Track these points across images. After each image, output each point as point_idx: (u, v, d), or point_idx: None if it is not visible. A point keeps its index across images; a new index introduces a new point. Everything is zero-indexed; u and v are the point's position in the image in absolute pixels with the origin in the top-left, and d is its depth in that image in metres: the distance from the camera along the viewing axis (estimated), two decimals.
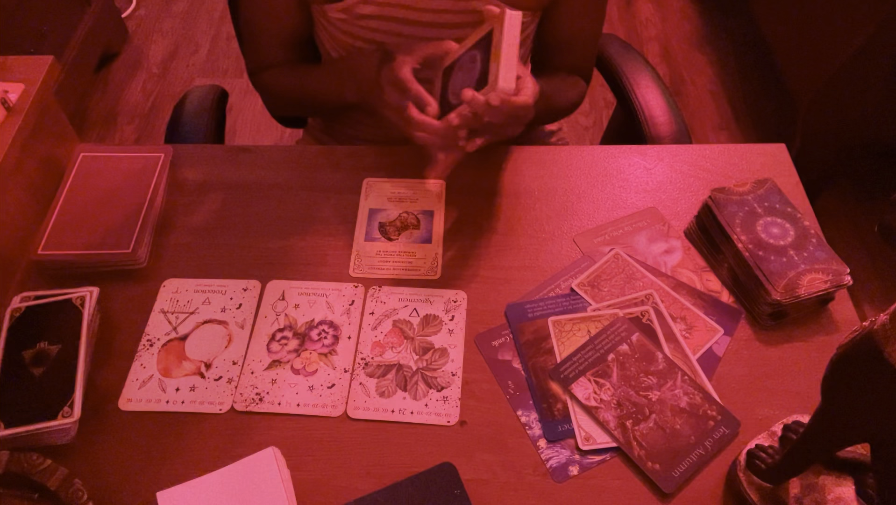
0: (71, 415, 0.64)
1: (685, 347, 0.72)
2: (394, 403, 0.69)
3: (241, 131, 2.05)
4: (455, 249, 0.81)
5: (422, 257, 0.80)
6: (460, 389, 0.70)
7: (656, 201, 0.85)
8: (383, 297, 0.76)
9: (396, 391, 0.69)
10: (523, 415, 0.68)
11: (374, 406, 0.69)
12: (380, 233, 0.80)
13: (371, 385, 0.70)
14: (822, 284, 0.71)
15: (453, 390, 0.69)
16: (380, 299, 0.76)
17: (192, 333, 0.74)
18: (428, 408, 0.68)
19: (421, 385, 0.70)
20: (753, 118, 2.03)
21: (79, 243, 0.79)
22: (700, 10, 2.37)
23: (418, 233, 0.82)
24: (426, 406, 0.68)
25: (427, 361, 0.71)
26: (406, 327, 0.74)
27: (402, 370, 0.71)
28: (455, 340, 0.73)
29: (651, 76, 1.06)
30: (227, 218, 0.84)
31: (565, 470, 0.64)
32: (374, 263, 0.79)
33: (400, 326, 0.74)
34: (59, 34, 1.90)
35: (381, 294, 0.77)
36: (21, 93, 0.81)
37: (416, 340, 0.73)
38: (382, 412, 0.68)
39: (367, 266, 0.79)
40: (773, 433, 0.63)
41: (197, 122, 1.03)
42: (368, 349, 0.73)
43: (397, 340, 0.73)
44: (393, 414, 0.68)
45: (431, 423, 0.68)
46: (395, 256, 0.80)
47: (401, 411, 0.68)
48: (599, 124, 2.04)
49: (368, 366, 0.71)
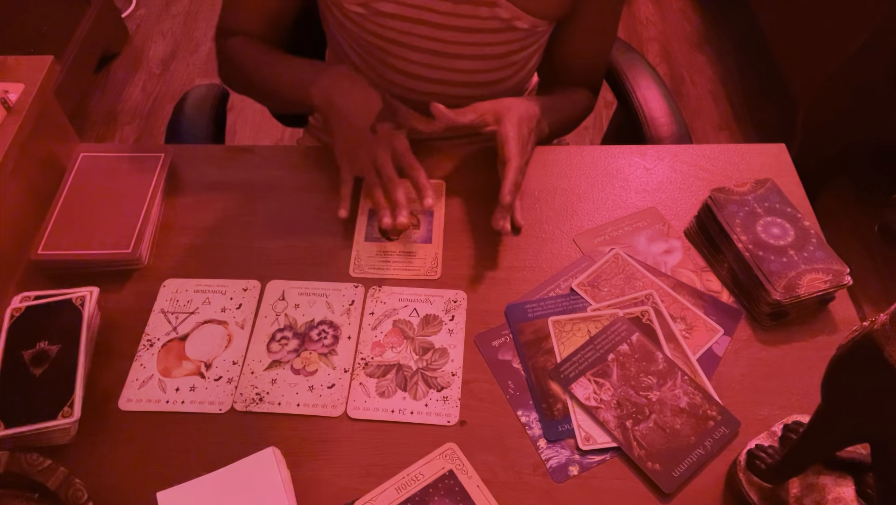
0: (71, 415, 0.64)
1: (685, 347, 0.72)
2: (394, 403, 0.69)
3: (241, 131, 2.05)
4: (455, 249, 0.81)
5: (422, 257, 0.80)
6: (460, 389, 0.70)
7: (656, 201, 0.85)
8: (383, 297, 0.76)
9: (396, 391, 0.69)
10: (523, 415, 0.68)
11: (375, 406, 0.69)
12: (380, 233, 0.80)
13: (371, 385, 0.70)
14: (822, 284, 0.71)
15: (453, 390, 0.69)
16: (380, 299, 0.76)
17: (192, 333, 0.74)
18: (428, 408, 0.68)
19: (421, 385, 0.70)
20: (753, 118, 2.03)
21: (79, 243, 0.79)
22: (700, 10, 2.37)
23: (418, 233, 0.82)
24: (426, 406, 0.68)
25: (427, 361, 0.71)
26: (406, 327, 0.74)
27: (401, 370, 0.71)
28: (455, 339, 0.73)
29: (651, 76, 1.06)
30: (227, 218, 0.84)
31: (565, 470, 0.64)
32: (375, 263, 0.79)
33: (400, 326, 0.74)
34: (59, 34, 1.90)
35: (381, 294, 0.77)
36: (21, 93, 0.81)
37: (416, 340, 0.73)
38: (382, 412, 0.68)
39: (368, 266, 0.79)
40: (773, 433, 0.63)
41: (197, 122, 1.03)
42: (368, 349, 0.73)
43: (397, 339, 0.73)
44: (393, 414, 0.68)
45: (431, 423, 0.68)
46: (395, 256, 0.80)
47: (401, 411, 0.68)
48: (599, 124, 2.04)
49: (368, 366, 0.71)
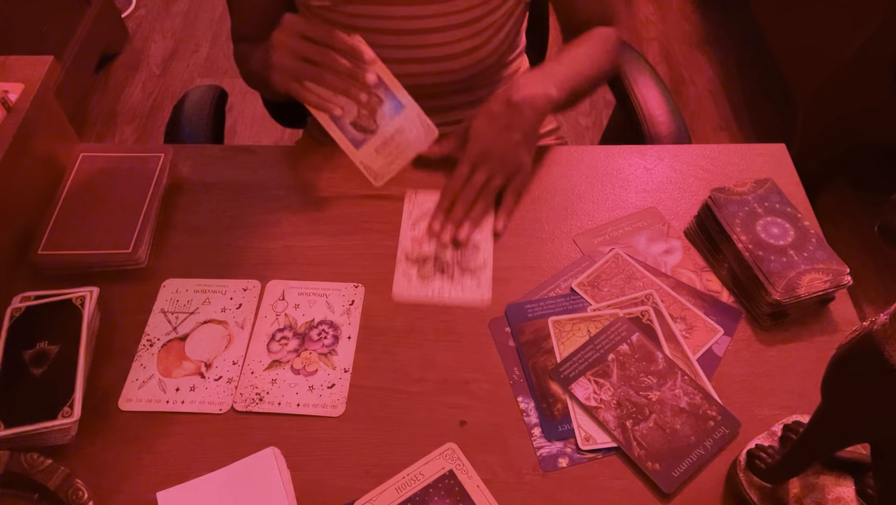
0: (71, 415, 0.64)
1: (685, 347, 0.72)
2: (433, 286, 0.77)
3: (241, 131, 2.05)
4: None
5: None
6: (492, 274, 0.77)
7: (656, 201, 0.85)
8: (420, 200, 0.84)
9: (435, 275, 0.78)
10: (525, 412, 0.68)
11: (416, 291, 0.77)
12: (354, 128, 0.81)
13: (413, 272, 0.78)
14: (822, 284, 0.71)
15: (485, 273, 0.78)
16: (417, 203, 0.84)
17: (192, 333, 0.74)
18: (463, 292, 0.76)
19: (457, 271, 0.78)
20: (753, 118, 2.03)
21: (79, 243, 0.79)
22: (700, 10, 2.37)
23: (385, 106, 0.80)
24: (462, 290, 0.77)
25: (461, 254, 0.80)
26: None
27: (439, 260, 0.79)
28: (485, 233, 0.81)
29: (650, 75, 1.06)
30: (227, 218, 0.84)
31: (565, 470, 0.64)
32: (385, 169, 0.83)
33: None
34: (59, 34, 1.90)
35: (418, 198, 0.85)
36: (21, 93, 0.81)
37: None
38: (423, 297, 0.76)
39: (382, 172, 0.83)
40: (773, 433, 0.63)
41: (196, 123, 1.03)
42: (409, 243, 0.81)
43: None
44: (432, 296, 0.76)
45: (467, 303, 0.75)
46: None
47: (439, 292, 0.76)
48: (599, 124, 2.04)
49: (408, 259, 0.79)
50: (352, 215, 0.84)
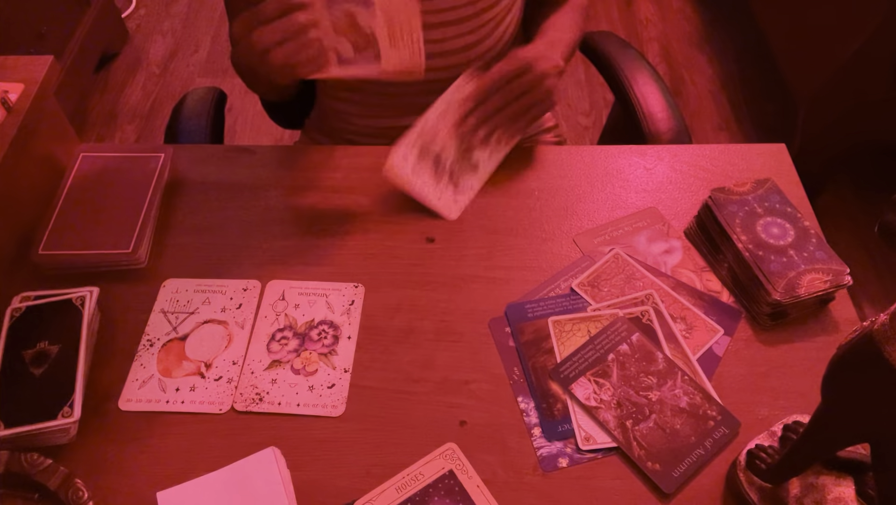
0: (71, 415, 0.64)
1: (685, 347, 0.72)
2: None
3: (240, 131, 2.05)
4: (455, 249, 0.81)
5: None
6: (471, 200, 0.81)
7: (656, 201, 0.85)
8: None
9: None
10: (524, 412, 0.68)
11: (407, 175, 0.79)
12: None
13: (413, 154, 0.79)
14: (822, 284, 0.71)
15: (467, 195, 0.82)
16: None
17: (192, 333, 0.74)
18: (440, 199, 0.80)
19: (446, 178, 0.81)
20: (753, 118, 2.03)
21: (79, 243, 0.79)
22: (700, 10, 2.37)
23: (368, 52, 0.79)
24: (439, 197, 0.80)
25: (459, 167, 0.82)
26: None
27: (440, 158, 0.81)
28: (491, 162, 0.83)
29: (649, 72, 1.06)
30: (227, 218, 0.84)
31: (565, 470, 0.64)
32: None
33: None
34: (59, 34, 1.90)
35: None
36: (21, 93, 0.81)
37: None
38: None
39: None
40: (773, 433, 0.63)
41: (196, 124, 1.03)
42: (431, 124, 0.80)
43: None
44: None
45: (436, 210, 0.79)
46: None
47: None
48: (599, 124, 2.04)
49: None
50: (352, 215, 0.84)
